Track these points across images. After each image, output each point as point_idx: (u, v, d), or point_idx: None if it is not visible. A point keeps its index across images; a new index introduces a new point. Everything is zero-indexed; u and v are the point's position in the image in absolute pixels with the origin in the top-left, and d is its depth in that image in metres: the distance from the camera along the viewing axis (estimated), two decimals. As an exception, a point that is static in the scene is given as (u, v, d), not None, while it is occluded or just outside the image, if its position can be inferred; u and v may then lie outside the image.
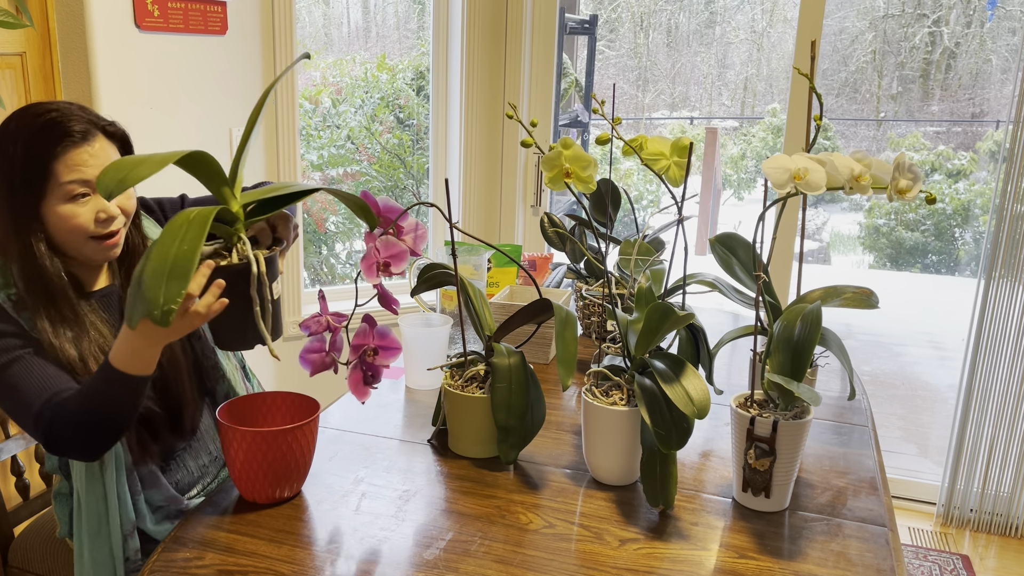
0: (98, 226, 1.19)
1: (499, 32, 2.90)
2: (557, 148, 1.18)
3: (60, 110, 1.17)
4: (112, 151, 1.21)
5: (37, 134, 1.15)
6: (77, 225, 1.17)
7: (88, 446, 1.15)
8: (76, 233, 1.18)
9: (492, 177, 3.04)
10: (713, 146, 7.17)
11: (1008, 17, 7.28)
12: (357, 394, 1.27)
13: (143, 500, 1.25)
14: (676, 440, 1.11)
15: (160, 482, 1.27)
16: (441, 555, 1.04)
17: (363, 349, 1.25)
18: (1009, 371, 2.51)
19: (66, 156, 1.15)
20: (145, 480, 1.25)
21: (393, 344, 1.27)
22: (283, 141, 2.46)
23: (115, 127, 1.23)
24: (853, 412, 1.52)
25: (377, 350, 1.26)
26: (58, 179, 1.15)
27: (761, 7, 8.34)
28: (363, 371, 1.27)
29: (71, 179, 1.15)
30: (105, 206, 1.19)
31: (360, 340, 1.25)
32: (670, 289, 1.39)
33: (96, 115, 1.21)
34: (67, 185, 1.15)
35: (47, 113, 1.16)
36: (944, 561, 2.47)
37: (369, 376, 1.27)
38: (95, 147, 1.18)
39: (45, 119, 1.15)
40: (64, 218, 1.17)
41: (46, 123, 1.15)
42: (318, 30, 4.77)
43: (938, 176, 7.08)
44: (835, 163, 1.07)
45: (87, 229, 1.18)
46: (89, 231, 1.19)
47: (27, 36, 1.77)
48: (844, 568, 1.03)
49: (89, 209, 1.18)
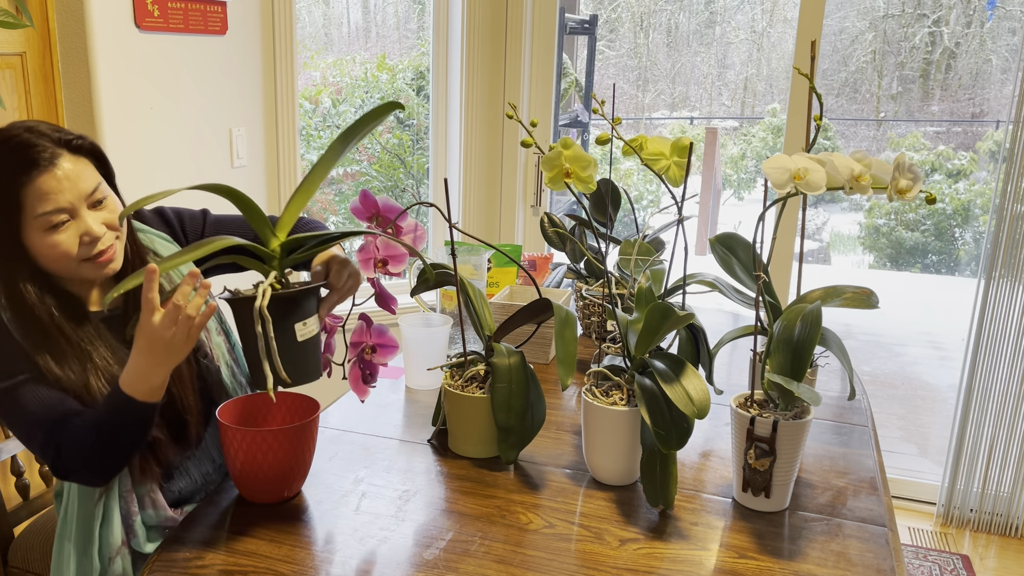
0: (84, 249, 1.13)
1: (499, 32, 2.90)
2: (557, 148, 1.18)
3: (19, 136, 1.10)
4: (84, 168, 1.14)
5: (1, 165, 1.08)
6: (63, 253, 1.12)
7: (98, 473, 1.13)
8: (64, 260, 1.13)
9: (492, 177, 3.04)
10: (713, 146, 7.17)
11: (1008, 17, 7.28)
12: (357, 391, 1.28)
13: (140, 522, 1.21)
14: (676, 440, 1.11)
15: (158, 502, 1.23)
16: (441, 555, 1.04)
17: (361, 347, 1.26)
18: (1009, 371, 2.51)
19: (33, 185, 1.08)
20: (143, 501, 1.22)
21: (390, 342, 1.27)
22: (283, 141, 2.46)
23: (83, 141, 1.15)
24: (853, 412, 1.51)
25: (375, 348, 1.27)
26: (32, 211, 1.09)
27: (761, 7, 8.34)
28: (361, 368, 1.27)
29: (45, 210, 1.09)
30: (88, 227, 1.13)
31: (358, 338, 1.26)
32: (670, 289, 1.39)
33: (62, 132, 1.13)
34: (42, 217, 1.09)
35: (8, 140, 1.09)
36: (944, 561, 2.47)
37: (367, 374, 1.28)
38: (64, 169, 1.11)
39: (6, 147, 1.09)
40: (47, 248, 1.12)
41: (7, 152, 1.08)
42: (318, 30, 4.77)
43: (938, 176, 7.08)
44: (835, 163, 1.07)
45: (73, 254, 1.13)
46: (76, 256, 1.13)
47: (27, 36, 1.77)
48: (844, 568, 1.03)
49: (71, 235, 1.12)
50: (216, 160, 2.21)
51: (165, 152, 2.04)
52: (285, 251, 1.14)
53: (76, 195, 1.11)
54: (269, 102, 2.40)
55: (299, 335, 1.10)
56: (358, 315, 1.28)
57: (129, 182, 1.92)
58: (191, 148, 2.13)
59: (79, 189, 1.12)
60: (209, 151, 2.19)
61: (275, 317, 1.07)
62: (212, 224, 1.42)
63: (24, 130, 1.11)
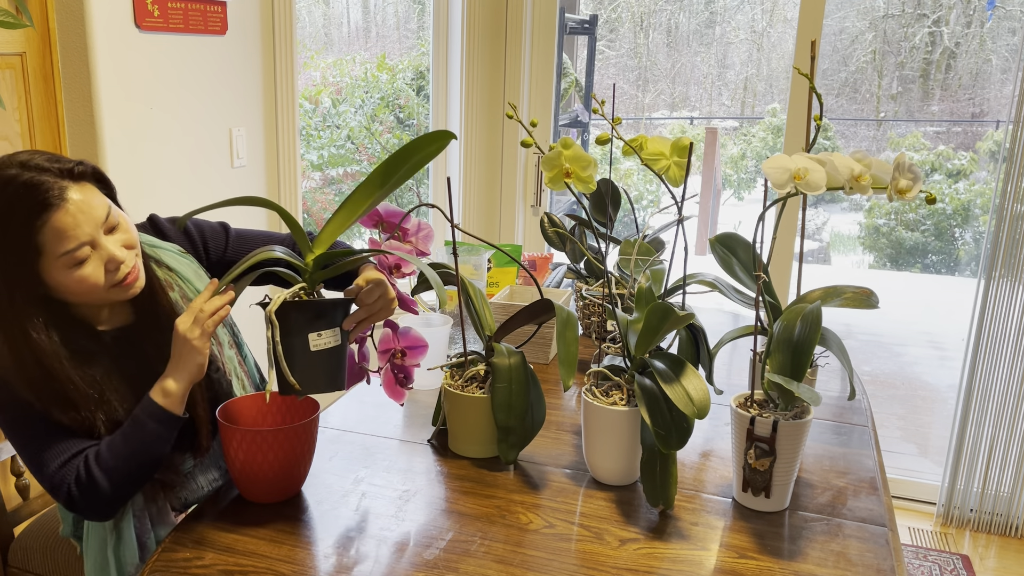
0: (110, 276, 1.13)
1: (499, 32, 2.90)
2: (557, 148, 1.18)
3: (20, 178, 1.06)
4: (91, 194, 1.11)
5: (8, 212, 1.05)
6: (92, 285, 1.11)
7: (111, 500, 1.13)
8: (94, 291, 1.12)
9: (492, 177, 3.04)
10: (713, 146, 7.17)
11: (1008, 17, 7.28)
12: (393, 396, 1.28)
13: (153, 540, 1.23)
14: (676, 440, 1.11)
15: (168, 517, 1.25)
16: (441, 555, 1.04)
17: (392, 352, 1.26)
18: (1009, 371, 2.51)
19: (50, 226, 1.06)
20: (155, 519, 1.23)
21: (419, 342, 1.28)
22: (283, 141, 2.46)
23: (84, 166, 1.12)
24: (853, 412, 1.51)
25: (405, 351, 1.27)
26: (54, 252, 1.07)
27: (761, 7, 8.34)
28: (395, 373, 1.28)
29: (68, 249, 1.08)
30: (111, 254, 1.12)
31: (387, 345, 1.26)
32: (670, 289, 1.39)
33: (59, 161, 1.10)
34: (65, 256, 1.08)
35: (9, 184, 1.05)
36: (944, 561, 2.47)
37: (402, 378, 1.28)
38: (75, 201, 1.08)
39: (11, 189, 1.05)
40: (76, 282, 1.10)
41: (15, 197, 1.05)
42: (318, 30, 4.77)
43: (938, 176, 7.08)
44: (835, 163, 1.07)
45: (102, 284, 1.12)
46: (104, 284, 1.12)
47: (27, 36, 1.77)
48: (844, 568, 1.03)
49: (95, 265, 1.11)
50: (216, 160, 2.21)
51: (165, 152, 2.04)
52: (318, 266, 1.15)
53: (93, 226, 1.10)
54: (269, 102, 2.40)
55: (312, 345, 1.11)
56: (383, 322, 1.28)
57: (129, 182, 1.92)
58: (191, 148, 2.13)
59: (94, 219, 1.10)
60: (209, 151, 2.19)
61: (293, 325, 1.09)
62: (235, 239, 1.40)
63: (23, 169, 1.07)
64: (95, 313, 1.20)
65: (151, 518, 1.23)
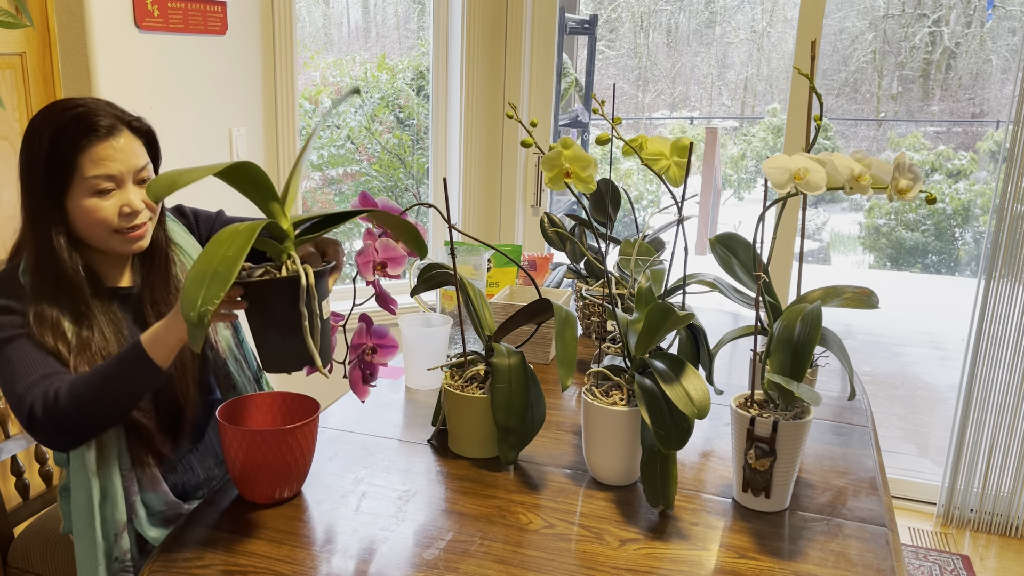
0: (122, 220, 1.21)
1: (499, 32, 2.90)
2: (557, 148, 1.18)
3: (86, 105, 1.18)
4: (137, 146, 1.22)
5: (63, 129, 1.16)
6: (102, 218, 1.19)
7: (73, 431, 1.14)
8: (100, 226, 1.20)
9: (492, 177, 3.04)
10: (713, 146, 7.17)
11: (1008, 17, 7.28)
12: (357, 392, 1.28)
13: (140, 502, 1.23)
14: (676, 440, 1.11)
15: (160, 486, 1.25)
16: (441, 555, 1.04)
17: (362, 348, 1.26)
18: (1009, 371, 2.51)
19: (91, 150, 1.17)
20: (144, 482, 1.24)
21: (390, 343, 1.27)
22: (283, 141, 2.46)
23: (141, 123, 1.25)
24: (853, 412, 1.51)
25: (375, 348, 1.27)
26: (83, 173, 1.17)
27: (761, 7, 8.34)
28: (361, 369, 1.27)
29: (96, 174, 1.17)
30: (129, 200, 1.20)
31: (358, 340, 1.26)
32: (670, 289, 1.39)
33: (122, 111, 1.23)
34: (92, 179, 1.17)
35: (73, 108, 1.17)
36: (944, 561, 2.47)
37: (367, 374, 1.28)
38: (120, 142, 1.19)
39: (71, 114, 1.17)
40: (89, 211, 1.18)
41: (72, 118, 1.16)
42: (318, 30, 4.78)
43: (938, 176, 7.08)
44: (835, 163, 1.07)
45: (111, 222, 1.20)
46: (113, 224, 1.20)
47: (27, 36, 1.77)
48: (844, 568, 1.03)
49: (113, 203, 1.19)
50: (216, 160, 2.21)
51: (165, 152, 2.04)
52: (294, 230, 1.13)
53: (127, 167, 1.20)
54: (269, 102, 2.40)
55: (324, 314, 1.11)
56: (359, 316, 1.28)
57: (129, 182, 1.92)
58: (191, 148, 2.13)
59: (130, 163, 1.20)
60: (209, 151, 2.19)
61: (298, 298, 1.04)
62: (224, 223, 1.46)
63: (91, 101, 1.20)
64: (105, 271, 1.27)
65: (140, 482, 1.24)
